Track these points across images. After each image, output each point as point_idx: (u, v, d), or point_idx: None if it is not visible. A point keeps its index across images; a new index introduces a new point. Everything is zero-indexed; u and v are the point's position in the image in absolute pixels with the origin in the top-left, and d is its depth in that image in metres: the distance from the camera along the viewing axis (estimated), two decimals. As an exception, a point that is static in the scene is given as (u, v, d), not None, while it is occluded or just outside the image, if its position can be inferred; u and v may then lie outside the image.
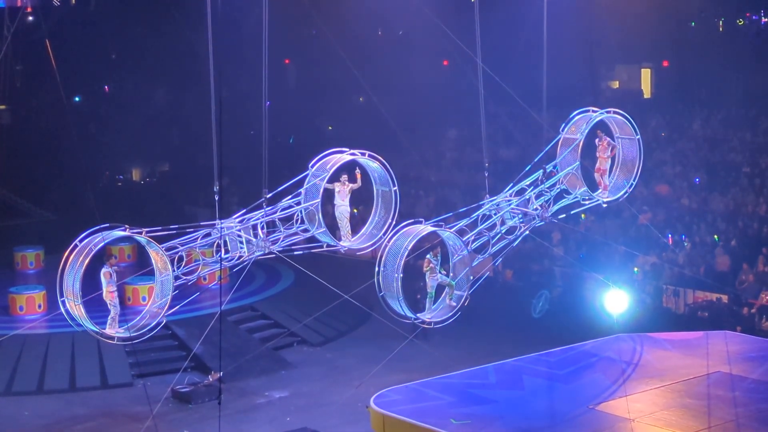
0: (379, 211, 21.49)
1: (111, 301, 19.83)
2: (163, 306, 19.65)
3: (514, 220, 21.67)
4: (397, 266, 20.37)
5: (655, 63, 44.70)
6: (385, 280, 20.55)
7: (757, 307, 27.19)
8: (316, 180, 20.47)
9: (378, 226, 21.52)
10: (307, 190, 20.71)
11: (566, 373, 20.03)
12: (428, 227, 21.10)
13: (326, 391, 24.99)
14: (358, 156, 20.67)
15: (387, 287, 20.55)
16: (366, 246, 21.52)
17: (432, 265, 21.43)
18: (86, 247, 19.28)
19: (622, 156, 22.91)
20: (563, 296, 30.45)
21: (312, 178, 20.57)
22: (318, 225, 20.83)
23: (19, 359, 26.38)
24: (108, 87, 53.41)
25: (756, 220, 31.14)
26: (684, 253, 30.11)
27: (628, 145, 22.82)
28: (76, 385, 25.96)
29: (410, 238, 20.73)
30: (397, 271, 20.36)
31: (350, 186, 21.25)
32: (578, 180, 22.02)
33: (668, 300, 29.03)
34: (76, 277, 18.88)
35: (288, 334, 28.45)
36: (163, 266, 19.86)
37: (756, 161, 34.38)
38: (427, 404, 18.38)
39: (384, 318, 25.18)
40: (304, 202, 20.60)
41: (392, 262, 20.59)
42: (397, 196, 20.98)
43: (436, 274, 21.44)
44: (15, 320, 28.19)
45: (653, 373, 19.78)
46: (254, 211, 20.57)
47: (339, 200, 21.22)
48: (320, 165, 20.57)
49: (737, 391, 18.59)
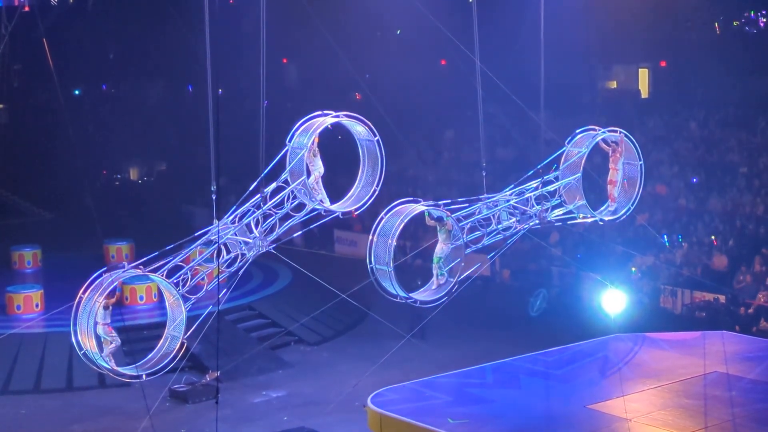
0: (366, 170, 20.97)
1: (109, 334, 19.80)
2: (174, 348, 19.63)
3: (511, 220, 21.56)
4: (390, 238, 20.10)
5: (652, 63, 44.67)
6: (376, 258, 20.34)
7: (755, 307, 27.21)
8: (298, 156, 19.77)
9: (366, 185, 21.13)
10: (292, 170, 19.96)
11: (563, 372, 20.04)
12: (421, 206, 20.87)
13: (323, 391, 24.99)
14: (341, 119, 20.10)
15: (379, 265, 20.37)
16: (356, 207, 20.74)
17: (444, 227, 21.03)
18: (99, 287, 19.24)
19: (625, 176, 22.59)
20: (561, 296, 30.47)
21: (293, 154, 19.88)
22: (314, 196, 20.27)
23: (17, 358, 26.37)
24: (105, 86, 53.45)
25: (753, 220, 31.16)
26: (681, 253, 30.14)
27: (630, 167, 22.55)
28: (73, 385, 25.95)
29: (402, 217, 20.51)
30: (388, 263, 20.12)
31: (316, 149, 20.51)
32: (578, 193, 21.78)
33: (665, 300, 29.05)
34: (90, 317, 18.92)
35: (285, 334, 28.45)
36: (176, 306, 19.85)
37: (753, 162, 34.39)
38: (424, 404, 18.39)
39: (381, 317, 25.22)
40: (291, 182, 19.98)
41: (383, 241, 20.39)
42: (381, 148, 20.48)
43: (447, 240, 20.86)
44: (12, 319, 28.17)
45: (650, 373, 19.79)
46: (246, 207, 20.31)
47: (311, 165, 20.53)
48: (299, 133, 19.92)
49: (734, 391, 18.61)
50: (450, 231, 20.84)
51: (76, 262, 35.07)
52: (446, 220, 20.84)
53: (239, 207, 20.02)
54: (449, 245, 20.90)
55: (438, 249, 21.13)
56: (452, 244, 21.01)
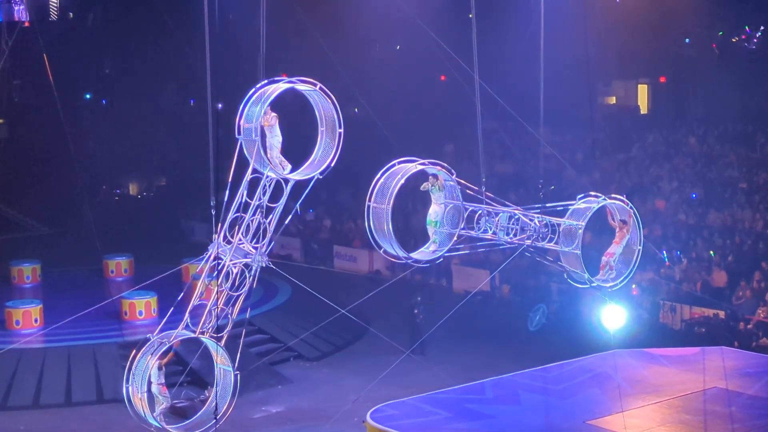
0: (326, 137, 20.72)
1: (162, 393, 20.26)
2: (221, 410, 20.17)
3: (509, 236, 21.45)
4: (388, 199, 19.94)
5: (652, 79, 44.77)
6: (375, 218, 20.15)
7: (754, 322, 27.17)
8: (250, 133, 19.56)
9: (326, 151, 20.97)
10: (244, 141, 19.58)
11: (563, 388, 20.02)
12: (418, 165, 20.61)
13: (323, 406, 24.94)
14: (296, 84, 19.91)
15: (378, 226, 20.19)
16: (314, 173, 20.47)
17: (437, 183, 20.81)
18: (153, 346, 19.48)
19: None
20: (560, 312, 30.44)
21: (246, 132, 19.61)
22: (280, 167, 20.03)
23: (15, 374, 26.31)
24: (105, 101, 53.47)
25: (753, 236, 31.16)
26: (681, 268, 30.12)
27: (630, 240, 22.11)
28: (72, 400, 25.89)
29: (398, 177, 20.31)
30: (388, 203, 20.00)
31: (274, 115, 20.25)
32: (579, 264, 21.56)
33: (665, 316, 29.03)
34: (143, 379, 19.17)
35: (284, 349, 28.40)
36: (225, 363, 20.17)
37: (753, 177, 34.42)
38: (424, 419, 18.37)
39: (381, 333, 25.20)
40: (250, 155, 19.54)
41: (381, 200, 20.15)
42: (338, 111, 20.26)
43: (441, 198, 20.85)
44: (11, 334, 28.10)
45: (650, 388, 19.78)
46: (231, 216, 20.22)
47: (269, 132, 20.19)
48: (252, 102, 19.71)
49: (734, 406, 18.60)
50: (443, 189, 20.72)
51: (76, 277, 35.11)
52: (439, 175, 20.67)
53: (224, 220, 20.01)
54: (443, 206, 20.77)
55: (432, 211, 21.14)
56: (448, 203, 20.76)
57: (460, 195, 20.94)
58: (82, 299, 28.08)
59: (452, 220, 21.12)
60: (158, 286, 27.40)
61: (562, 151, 34.96)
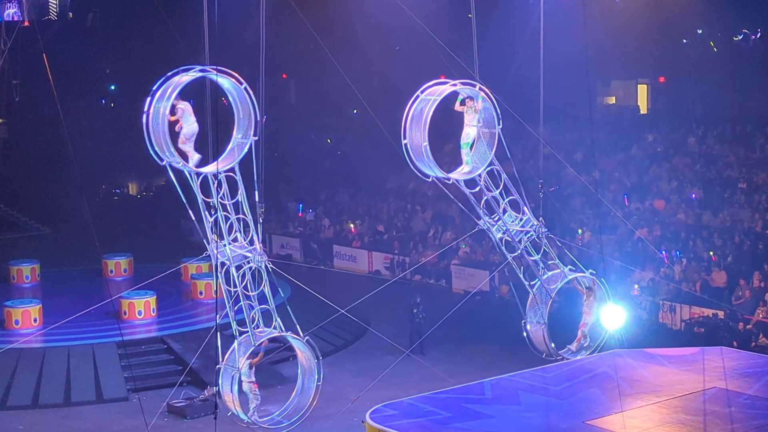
0: (242, 119, 20.39)
1: (253, 391, 20.84)
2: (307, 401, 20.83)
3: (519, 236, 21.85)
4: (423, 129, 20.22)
5: (651, 79, 44.78)
6: (411, 139, 20.53)
7: (754, 323, 27.19)
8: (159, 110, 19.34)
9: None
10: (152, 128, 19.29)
11: (562, 388, 20.00)
12: (449, 87, 20.68)
13: (322, 406, 24.89)
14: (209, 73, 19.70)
15: (416, 150, 20.65)
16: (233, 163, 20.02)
17: (472, 106, 20.88)
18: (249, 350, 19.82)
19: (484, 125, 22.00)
20: (559, 311, 30.40)
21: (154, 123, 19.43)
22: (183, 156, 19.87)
23: (14, 373, 26.32)
24: (105, 100, 53.49)
25: (752, 236, 31.17)
26: (680, 268, 30.13)
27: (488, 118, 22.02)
28: (71, 400, 25.90)
29: (434, 98, 20.47)
30: (423, 140, 20.36)
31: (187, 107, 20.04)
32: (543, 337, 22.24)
33: (664, 316, 29.04)
34: (234, 382, 20.10)
35: (284, 349, 28.39)
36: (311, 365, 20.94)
37: (752, 177, 34.44)
38: (423, 419, 18.35)
39: (380, 333, 25.21)
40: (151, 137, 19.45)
41: (417, 126, 20.37)
42: (250, 93, 19.98)
43: (474, 121, 21.00)
44: (10, 334, 28.13)
45: (649, 388, 19.76)
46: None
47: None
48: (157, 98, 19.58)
49: (733, 407, 18.58)
50: (478, 112, 20.86)
51: (75, 276, 35.12)
52: (478, 99, 20.85)
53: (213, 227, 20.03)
54: (477, 128, 21.04)
55: (465, 134, 21.46)
56: (482, 126, 21.07)
57: (496, 118, 21.06)
58: (82, 299, 28.12)
59: (488, 143, 21.44)
60: (157, 286, 27.46)
61: (561, 151, 35.00)
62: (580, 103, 38.90)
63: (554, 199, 32.95)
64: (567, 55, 24.42)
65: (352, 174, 43.48)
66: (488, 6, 26.11)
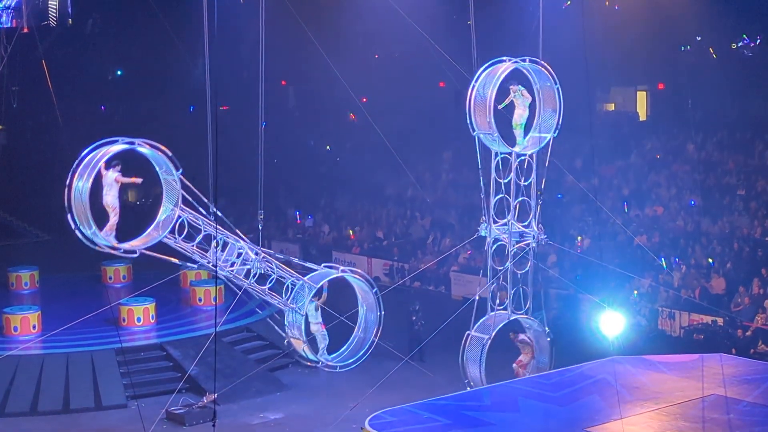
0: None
1: (320, 332, 22.32)
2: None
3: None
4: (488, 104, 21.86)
5: (650, 86, 44.80)
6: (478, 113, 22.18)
7: (753, 329, 27.17)
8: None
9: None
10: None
11: (561, 395, 20.00)
12: (509, 64, 22.17)
13: (321, 413, 24.93)
14: (134, 145, 20.25)
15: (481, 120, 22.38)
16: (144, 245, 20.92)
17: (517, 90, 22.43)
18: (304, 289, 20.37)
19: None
20: (559, 318, 30.40)
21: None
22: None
23: (13, 380, 26.27)
24: (104, 107, 53.48)
25: (751, 242, 31.17)
26: (679, 275, 30.12)
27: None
28: (70, 407, 25.85)
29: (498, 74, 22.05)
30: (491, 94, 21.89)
31: (121, 178, 20.50)
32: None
33: (663, 322, 29.01)
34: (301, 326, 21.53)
35: (283, 355, 28.38)
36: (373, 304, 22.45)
37: (751, 184, 34.43)
38: (422, 426, 18.35)
39: (379, 339, 25.17)
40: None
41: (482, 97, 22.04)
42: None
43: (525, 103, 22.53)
44: (9, 341, 28.08)
45: (648, 395, 19.76)
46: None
47: (107, 189, 20.54)
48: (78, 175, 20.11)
49: (732, 414, 18.58)
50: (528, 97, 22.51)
51: (74, 283, 35.07)
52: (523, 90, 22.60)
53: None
54: (526, 111, 22.63)
55: (517, 115, 22.75)
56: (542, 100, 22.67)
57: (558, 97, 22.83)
58: (81, 305, 28.08)
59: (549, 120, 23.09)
60: (156, 293, 27.43)
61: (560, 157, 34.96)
62: (579, 110, 38.92)
63: (554, 205, 33.01)
64: (566, 62, 24.45)
65: (351, 180, 43.46)
66: (487, 13, 26.13)
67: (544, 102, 23.03)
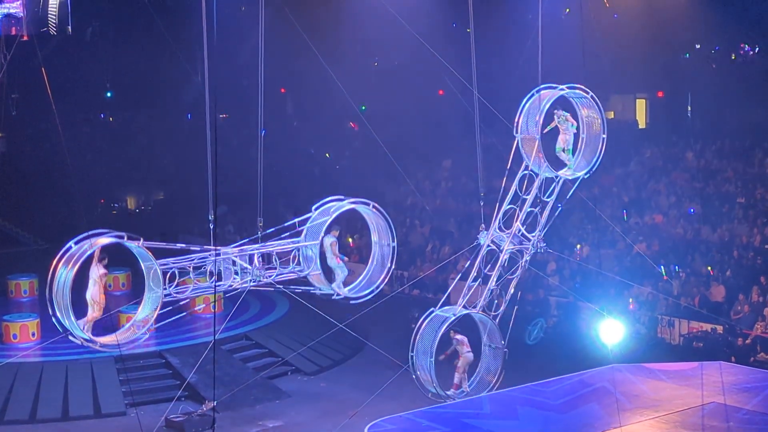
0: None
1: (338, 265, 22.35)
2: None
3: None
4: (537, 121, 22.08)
5: (650, 93, 44.85)
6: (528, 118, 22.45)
7: (752, 337, 27.17)
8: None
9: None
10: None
11: (561, 403, 20.00)
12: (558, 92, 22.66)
13: (320, 421, 24.90)
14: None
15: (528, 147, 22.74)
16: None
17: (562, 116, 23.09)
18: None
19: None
20: (558, 326, 30.43)
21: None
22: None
23: (12, 388, 26.25)
24: (104, 115, 53.52)
25: (750, 250, 31.17)
26: (679, 283, 30.12)
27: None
28: (69, 414, 25.82)
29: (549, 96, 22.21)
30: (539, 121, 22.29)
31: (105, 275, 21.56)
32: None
33: (663, 330, 29.00)
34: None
35: (282, 363, 28.37)
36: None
37: (750, 192, 34.45)
38: (422, 434, 18.35)
39: (378, 347, 25.16)
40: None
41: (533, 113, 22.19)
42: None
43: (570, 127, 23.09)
44: (8, 348, 28.06)
45: (648, 403, 19.76)
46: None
47: (91, 283, 21.09)
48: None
49: (732, 421, 18.58)
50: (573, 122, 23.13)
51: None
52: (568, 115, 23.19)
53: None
54: (571, 136, 23.19)
55: (561, 140, 23.37)
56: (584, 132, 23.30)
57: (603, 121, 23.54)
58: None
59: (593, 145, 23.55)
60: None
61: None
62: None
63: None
64: (565, 70, 24.50)
65: (350, 188, 43.44)
66: (487, 21, 26.15)
67: (587, 127, 23.63)
